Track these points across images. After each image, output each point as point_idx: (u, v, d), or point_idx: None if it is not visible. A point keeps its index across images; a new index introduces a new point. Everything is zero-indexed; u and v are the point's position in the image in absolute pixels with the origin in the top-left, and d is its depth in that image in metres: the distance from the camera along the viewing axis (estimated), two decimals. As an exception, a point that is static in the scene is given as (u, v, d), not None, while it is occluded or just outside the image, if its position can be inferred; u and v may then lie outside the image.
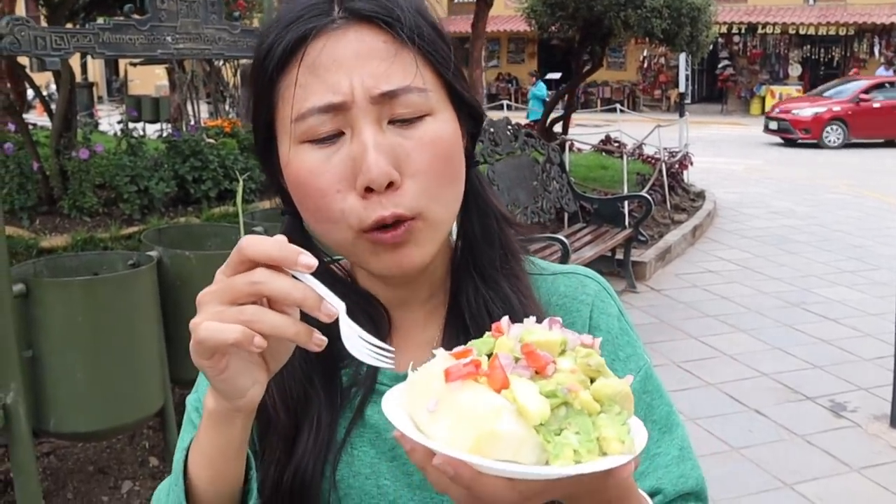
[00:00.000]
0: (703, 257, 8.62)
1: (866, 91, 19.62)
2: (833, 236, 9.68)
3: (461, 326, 0.93)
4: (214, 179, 6.28)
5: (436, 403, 0.67)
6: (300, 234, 0.92)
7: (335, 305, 0.72)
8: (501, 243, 0.96)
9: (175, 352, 3.41)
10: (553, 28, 9.91)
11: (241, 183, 3.86)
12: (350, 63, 0.82)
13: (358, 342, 0.75)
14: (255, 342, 0.70)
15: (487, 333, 0.73)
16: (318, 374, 0.91)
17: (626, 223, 7.45)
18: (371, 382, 0.93)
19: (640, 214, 7.74)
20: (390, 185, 0.82)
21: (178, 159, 6.23)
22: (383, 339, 0.94)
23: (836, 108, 19.11)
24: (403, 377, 0.90)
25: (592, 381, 0.69)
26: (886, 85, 20.16)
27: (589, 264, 6.30)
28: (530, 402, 0.65)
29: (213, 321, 0.71)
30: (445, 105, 0.87)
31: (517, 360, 0.68)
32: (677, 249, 8.55)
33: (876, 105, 18.97)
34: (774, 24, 27.98)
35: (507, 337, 0.71)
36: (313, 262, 0.71)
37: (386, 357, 0.76)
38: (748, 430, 4.58)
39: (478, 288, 0.94)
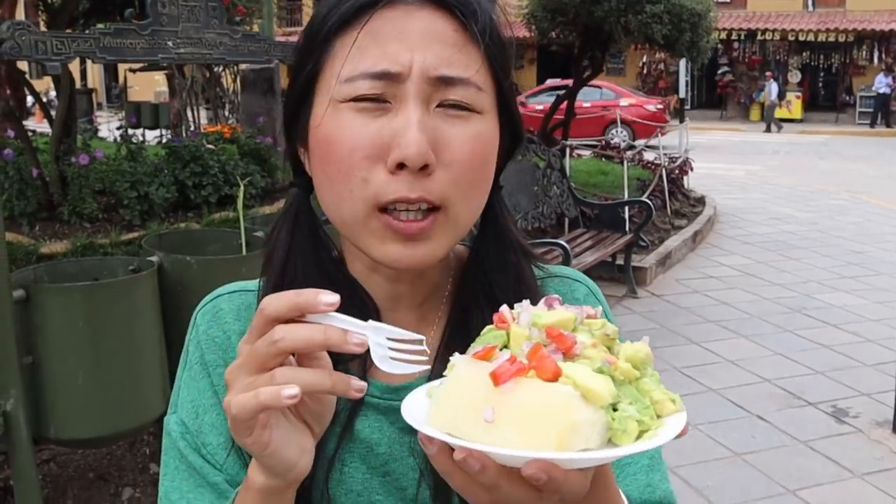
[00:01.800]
0: (704, 263, 8.60)
1: (535, 94, 21.18)
2: (834, 242, 9.67)
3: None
4: (215, 185, 6.26)
5: (492, 411, 0.62)
6: (307, 210, 0.90)
7: (363, 332, 0.67)
8: (518, 276, 0.93)
9: (176, 358, 3.39)
10: (553, 34, 9.89)
11: (241, 188, 3.85)
12: (415, 39, 0.79)
13: (389, 355, 0.69)
14: (284, 394, 0.65)
15: (489, 327, 0.70)
16: None
17: (627, 228, 7.44)
18: None
19: (640, 220, 7.73)
20: (423, 168, 0.78)
21: (178, 165, 6.21)
22: None
23: None
24: (394, 389, 0.87)
25: (609, 350, 0.68)
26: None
27: (590, 269, 6.29)
28: (594, 383, 0.62)
29: (242, 394, 0.67)
30: (494, 112, 0.85)
31: (545, 345, 0.65)
32: (678, 255, 8.54)
33: (539, 107, 19.26)
34: (774, 31, 28.02)
35: (519, 325, 0.68)
36: (335, 298, 0.67)
37: (418, 356, 0.70)
38: (750, 436, 4.57)
39: (486, 323, 0.91)
